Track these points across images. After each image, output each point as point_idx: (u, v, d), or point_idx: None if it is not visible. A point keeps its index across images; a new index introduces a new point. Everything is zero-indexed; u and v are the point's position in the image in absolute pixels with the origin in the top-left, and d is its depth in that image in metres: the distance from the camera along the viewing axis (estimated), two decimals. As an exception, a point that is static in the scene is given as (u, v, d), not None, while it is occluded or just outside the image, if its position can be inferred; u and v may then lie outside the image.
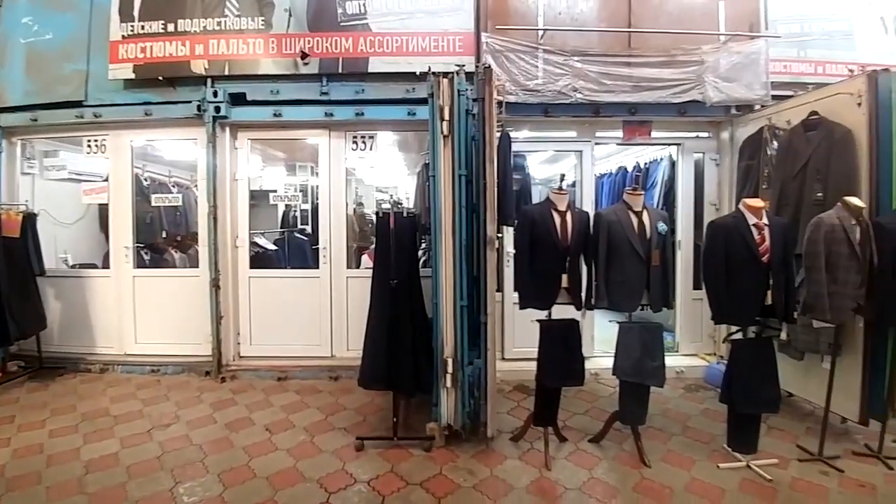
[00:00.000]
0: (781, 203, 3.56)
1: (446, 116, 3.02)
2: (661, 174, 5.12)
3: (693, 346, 4.74)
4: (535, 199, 4.84)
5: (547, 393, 3.04)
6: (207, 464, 2.93)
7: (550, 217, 2.98)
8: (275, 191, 5.32)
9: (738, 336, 2.97)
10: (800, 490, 2.65)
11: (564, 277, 2.98)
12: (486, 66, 3.31)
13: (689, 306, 4.67)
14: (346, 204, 4.76)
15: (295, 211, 6.25)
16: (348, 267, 4.68)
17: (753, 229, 2.79)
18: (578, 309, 3.07)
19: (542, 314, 3.06)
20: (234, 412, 3.68)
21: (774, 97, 4.27)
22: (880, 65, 3.82)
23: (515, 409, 3.70)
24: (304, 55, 4.33)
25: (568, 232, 2.96)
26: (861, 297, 2.82)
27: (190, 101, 4.38)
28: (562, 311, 3.06)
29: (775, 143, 3.77)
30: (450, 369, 3.03)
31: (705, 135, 4.76)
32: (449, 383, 3.04)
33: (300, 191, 5.84)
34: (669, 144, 4.90)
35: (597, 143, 4.75)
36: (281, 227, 6.07)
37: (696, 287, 4.57)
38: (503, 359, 4.44)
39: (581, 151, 4.70)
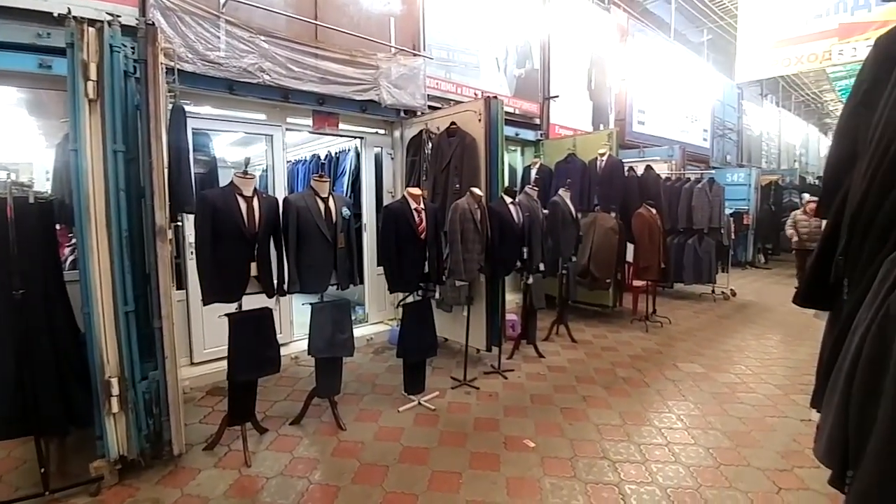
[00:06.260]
0: (435, 192, 4.51)
1: (92, 76, 2.38)
2: (350, 164, 5.62)
3: (380, 314, 5.50)
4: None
5: (241, 388, 2.92)
6: None
7: (235, 203, 2.82)
8: None
9: (410, 300, 3.62)
10: (454, 411, 3.49)
11: (253, 266, 2.90)
12: (150, 22, 2.81)
13: (375, 281, 5.34)
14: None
15: None
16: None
17: (415, 213, 3.43)
18: (270, 296, 3.04)
19: (232, 307, 2.90)
20: None
21: (430, 107, 5.31)
22: (493, 93, 5.32)
23: (210, 414, 3.40)
24: None
25: (255, 218, 2.87)
26: (482, 260, 3.90)
27: None
28: (253, 301, 2.98)
29: (430, 144, 4.72)
30: (115, 391, 2.49)
31: (382, 132, 5.49)
32: (116, 408, 2.49)
33: None
34: (355, 137, 5.40)
35: (288, 130, 4.75)
36: None
37: (381, 264, 5.26)
38: (192, 364, 4.00)
39: (272, 136, 4.62)
